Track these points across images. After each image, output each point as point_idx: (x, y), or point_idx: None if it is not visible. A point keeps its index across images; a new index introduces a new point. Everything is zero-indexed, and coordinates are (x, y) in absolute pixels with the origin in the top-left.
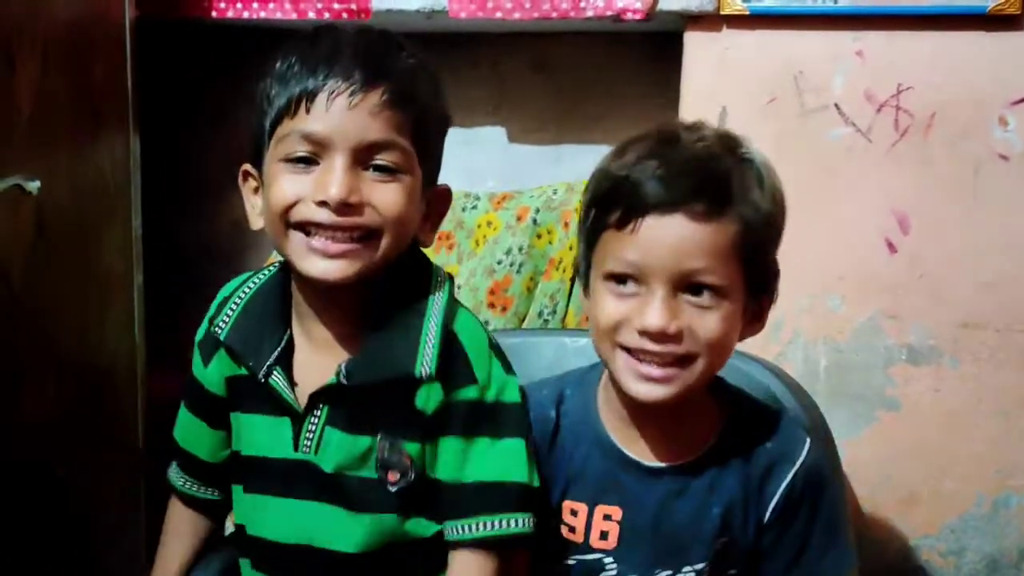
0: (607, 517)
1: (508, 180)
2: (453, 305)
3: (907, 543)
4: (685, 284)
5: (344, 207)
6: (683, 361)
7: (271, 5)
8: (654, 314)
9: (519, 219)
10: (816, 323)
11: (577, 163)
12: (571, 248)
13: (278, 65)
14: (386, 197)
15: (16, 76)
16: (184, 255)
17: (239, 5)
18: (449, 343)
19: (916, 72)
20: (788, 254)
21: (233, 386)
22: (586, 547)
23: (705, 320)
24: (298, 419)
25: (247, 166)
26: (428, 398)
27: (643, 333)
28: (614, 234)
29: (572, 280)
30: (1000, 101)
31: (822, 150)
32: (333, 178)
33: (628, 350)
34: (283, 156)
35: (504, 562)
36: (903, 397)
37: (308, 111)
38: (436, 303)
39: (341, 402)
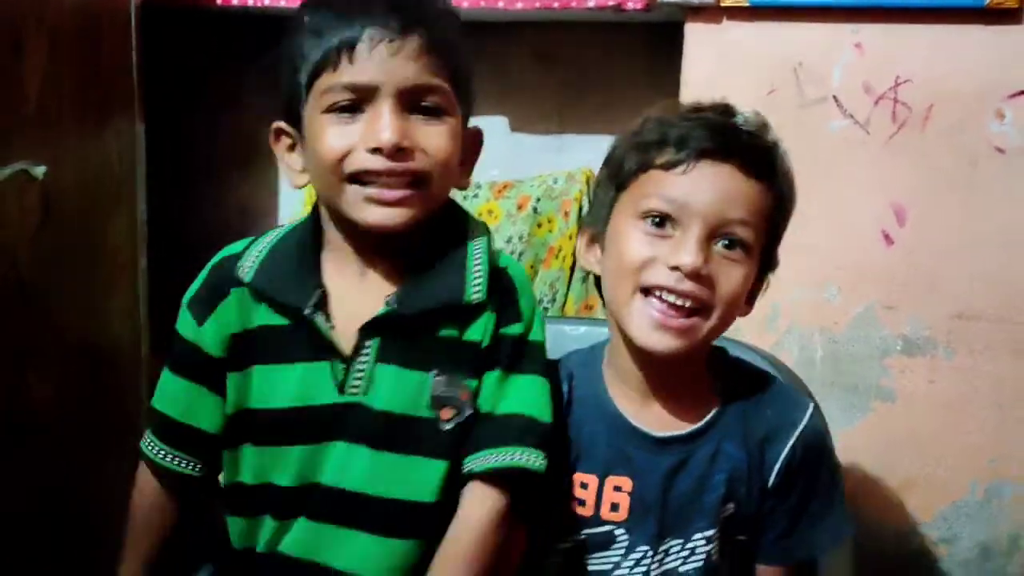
0: (617, 488)
1: (510, 169)
2: (493, 245)
3: (901, 530)
4: (719, 233)
5: (397, 152)
6: (699, 312)
7: None
8: (690, 252)
9: (519, 208)
10: (812, 313)
11: (579, 153)
12: (571, 237)
13: (307, 18)
14: (435, 140)
15: (23, 63)
16: (188, 240)
17: None
18: (499, 275)
19: (914, 65)
20: (785, 244)
21: (246, 340)
22: (596, 520)
23: (730, 272)
24: (343, 360)
25: (280, 124)
26: (484, 330)
27: (675, 269)
28: (660, 174)
29: (571, 268)
30: (997, 94)
31: (821, 142)
32: (383, 123)
33: (648, 295)
34: (326, 107)
35: (512, 501)
36: (898, 387)
37: (351, 61)
38: (477, 241)
39: (393, 335)
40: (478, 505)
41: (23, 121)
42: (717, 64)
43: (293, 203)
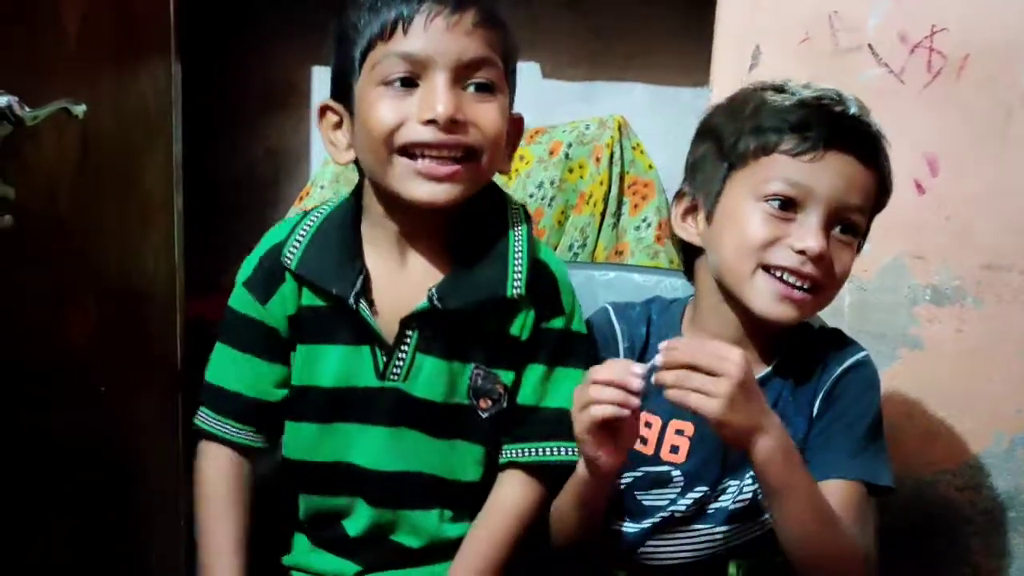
0: (679, 432)
1: (541, 115)
2: (533, 235)
3: (925, 478)
4: (837, 218)
5: (451, 124)
6: (816, 290)
7: None
8: (816, 237)
9: (551, 153)
10: None
11: (610, 100)
12: (602, 183)
13: None
14: (486, 115)
15: (63, 2)
16: (220, 180)
17: None
18: (538, 269)
19: (950, 13)
20: None
21: (298, 319)
22: (656, 459)
23: (843, 255)
24: (385, 347)
25: (327, 101)
26: (524, 325)
27: (801, 252)
28: (784, 159)
29: (602, 214)
30: None
31: (854, 90)
32: (438, 96)
33: (771, 271)
34: (380, 80)
35: (553, 486)
36: (926, 336)
37: (405, 33)
38: (518, 230)
39: (433, 328)
40: (518, 491)
41: (62, 60)
42: (751, 11)
43: (324, 149)
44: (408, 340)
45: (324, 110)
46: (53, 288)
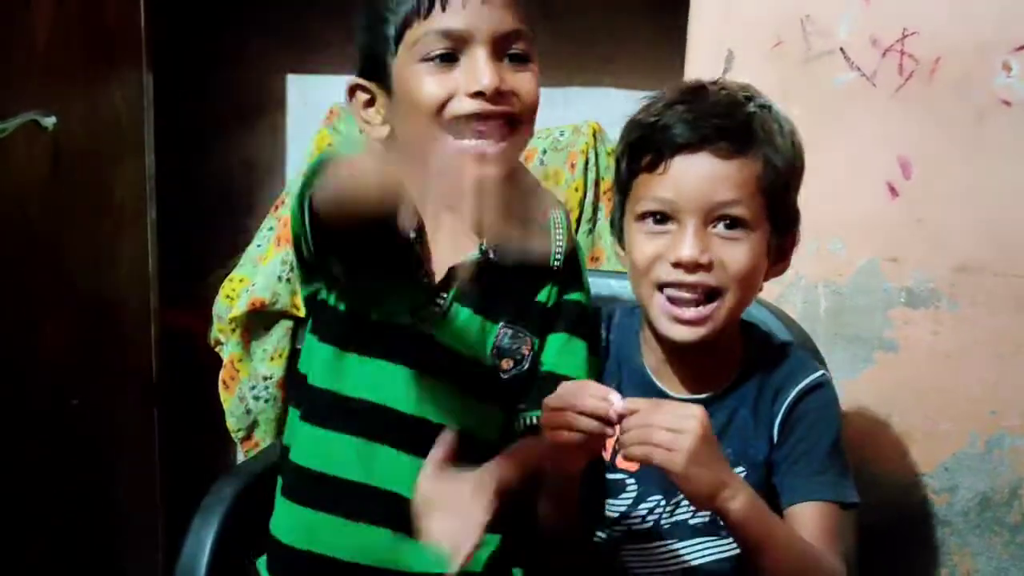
0: None
1: None
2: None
3: (902, 481)
4: (714, 217)
5: (496, 95)
6: (713, 296)
7: None
8: (687, 245)
9: (526, 160)
10: (817, 265)
11: (585, 106)
12: (577, 189)
13: None
14: (525, 84)
15: (32, 13)
16: (196, 191)
17: None
18: (573, 248)
19: (921, 17)
20: None
21: None
22: (612, 466)
23: (733, 251)
24: (427, 291)
25: (357, 80)
26: (550, 294)
27: (677, 265)
28: (646, 177)
29: (578, 220)
30: (1004, 47)
31: (827, 95)
32: (482, 69)
33: (664, 291)
34: (421, 57)
35: None
36: (901, 339)
37: (444, 9)
38: (558, 209)
39: (475, 280)
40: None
41: (32, 71)
42: (724, 16)
43: (300, 158)
44: (450, 287)
45: (354, 89)
46: (26, 301)
